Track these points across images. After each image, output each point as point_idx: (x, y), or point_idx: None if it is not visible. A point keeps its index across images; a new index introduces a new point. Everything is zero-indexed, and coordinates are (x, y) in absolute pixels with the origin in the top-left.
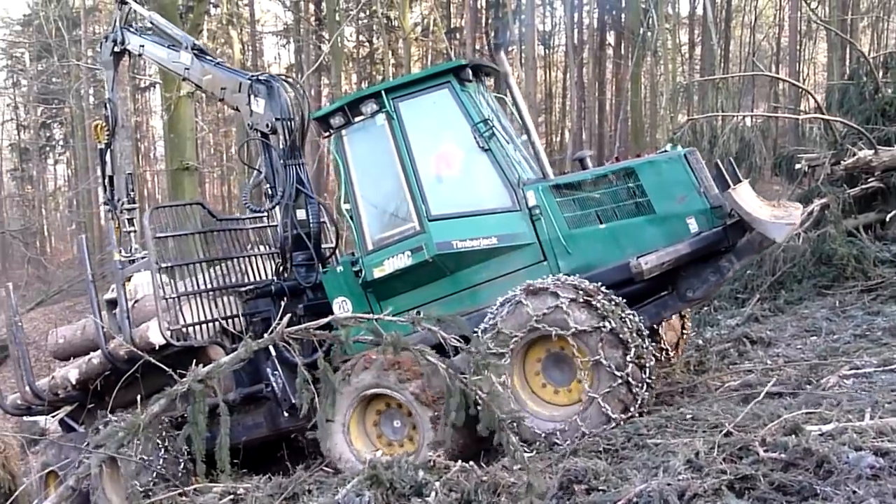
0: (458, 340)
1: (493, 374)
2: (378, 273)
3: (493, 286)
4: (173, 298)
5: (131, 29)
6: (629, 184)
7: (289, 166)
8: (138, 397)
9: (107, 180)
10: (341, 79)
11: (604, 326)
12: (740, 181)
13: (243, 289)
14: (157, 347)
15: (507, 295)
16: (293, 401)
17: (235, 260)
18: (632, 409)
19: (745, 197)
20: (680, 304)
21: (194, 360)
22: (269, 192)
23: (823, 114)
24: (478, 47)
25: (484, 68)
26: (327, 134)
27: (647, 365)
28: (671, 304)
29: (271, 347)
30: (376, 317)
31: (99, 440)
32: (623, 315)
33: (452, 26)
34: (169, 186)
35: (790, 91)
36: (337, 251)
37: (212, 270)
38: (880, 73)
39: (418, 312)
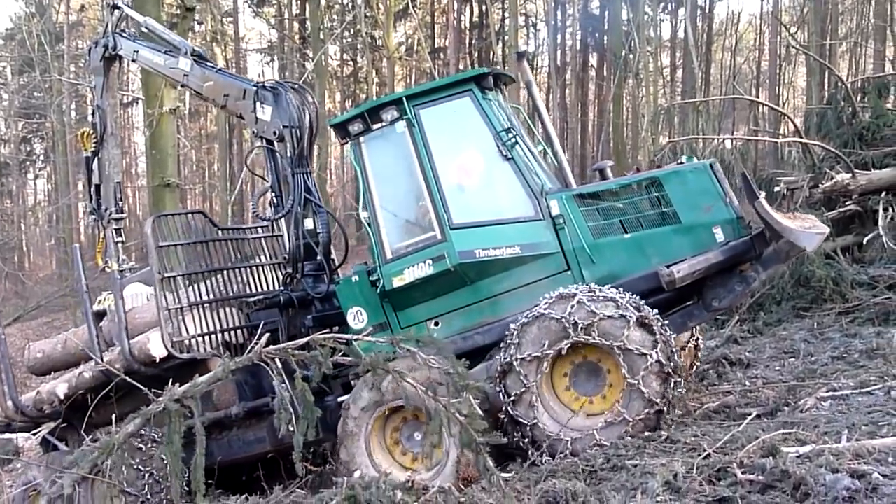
0: (437, 361)
1: (471, 395)
2: (398, 282)
3: (514, 296)
4: (175, 309)
5: (124, 34)
6: (654, 193)
7: (297, 175)
8: (113, 416)
9: (93, 189)
10: (325, 97)
11: (661, 407)
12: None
13: (251, 299)
14: (157, 360)
15: (619, 297)
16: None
17: (237, 270)
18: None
19: (769, 208)
20: (706, 313)
21: (195, 374)
22: (275, 202)
23: (802, 137)
24: (461, 67)
25: (503, 77)
26: (344, 141)
27: None
28: (697, 313)
29: (277, 359)
30: (355, 337)
31: (72, 460)
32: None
33: (436, 46)
34: (150, 203)
35: (770, 114)
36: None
37: (210, 281)
38: (857, 98)
39: (436, 323)
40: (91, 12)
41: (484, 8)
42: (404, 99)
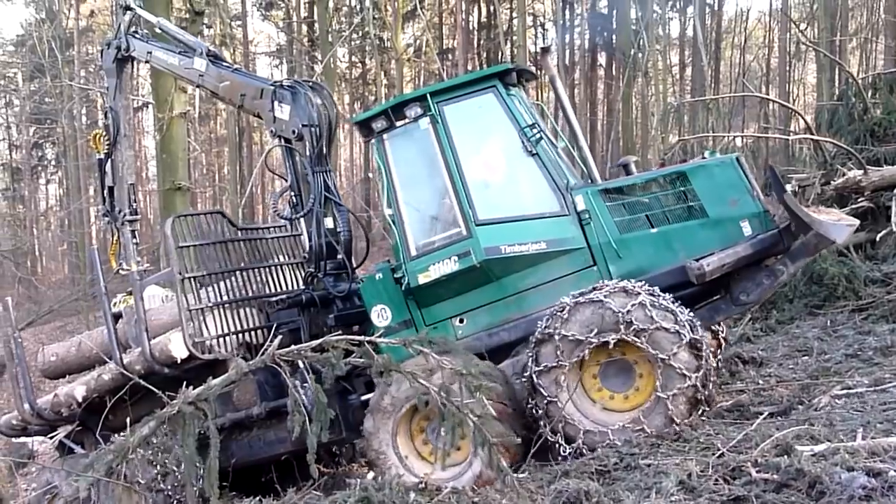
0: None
1: (484, 396)
2: (423, 279)
3: (540, 292)
4: (197, 310)
5: (137, 35)
6: (681, 188)
7: (316, 174)
8: (128, 419)
9: (106, 191)
10: (333, 99)
11: (680, 428)
12: (785, 187)
13: (273, 299)
14: (178, 361)
15: (679, 312)
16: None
17: (256, 270)
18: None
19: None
20: (733, 307)
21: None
22: (294, 201)
23: (813, 134)
24: (470, 68)
25: (525, 74)
26: (367, 139)
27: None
28: (724, 308)
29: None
30: (367, 339)
31: (88, 463)
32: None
33: (445, 47)
34: (160, 206)
35: (780, 112)
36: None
37: (228, 281)
38: (869, 94)
39: (461, 320)
40: (101, 18)
41: (492, 8)
42: (428, 95)
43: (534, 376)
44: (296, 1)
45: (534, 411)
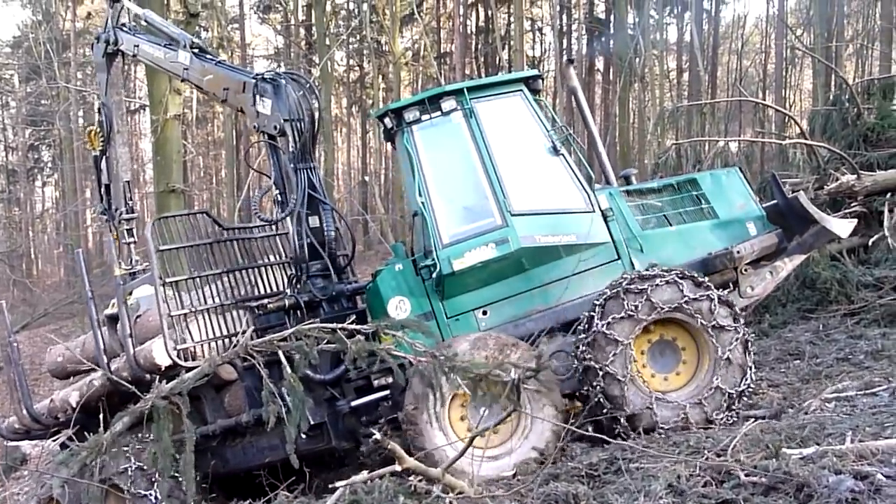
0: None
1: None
2: (458, 265)
3: (565, 284)
4: (179, 315)
5: (125, 28)
6: (693, 192)
7: (300, 170)
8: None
9: (103, 189)
10: (331, 102)
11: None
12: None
13: (255, 303)
14: (162, 368)
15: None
16: (311, 422)
17: (244, 271)
18: None
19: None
20: (741, 300)
21: (212, 380)
22: (279, 199)
23: (807, 139)
24: (467, 72)
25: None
26: (395, 129)
27: None
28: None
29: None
30: (340, 326)
31: (61, 460)
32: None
33: (442, 51)
34: (156, 208)
35: (776, 117)
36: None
37: (217, 283)
38: (862, 99)
39: (484, 312)
40: (97, 20)
41: (489, 13)
42: (465, 90)
43: (604, 318)
44: (293, 4)
45: (586, 348)
